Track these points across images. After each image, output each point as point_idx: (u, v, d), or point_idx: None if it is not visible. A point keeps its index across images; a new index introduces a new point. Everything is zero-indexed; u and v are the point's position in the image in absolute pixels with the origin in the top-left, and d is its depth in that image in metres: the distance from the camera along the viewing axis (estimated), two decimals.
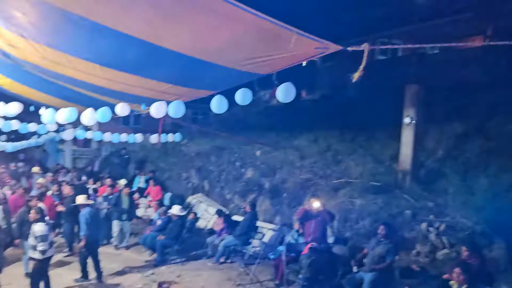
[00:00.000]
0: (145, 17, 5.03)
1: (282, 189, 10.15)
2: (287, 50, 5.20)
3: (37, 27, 6.03)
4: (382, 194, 8.57)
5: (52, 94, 10.74)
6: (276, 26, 4.59)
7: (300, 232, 8.08)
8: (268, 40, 5.03)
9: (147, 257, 9.10)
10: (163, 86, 7.78)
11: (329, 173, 9.76)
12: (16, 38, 6.63)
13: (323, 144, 11.08)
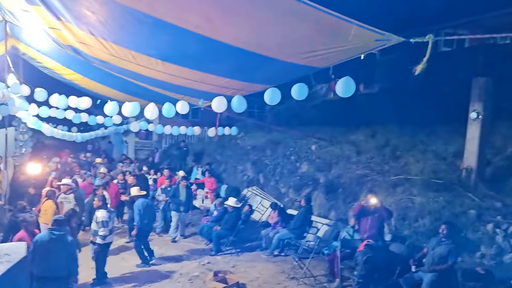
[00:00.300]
0: (205, 13, 5.17)
1: (338, 184, 10.01)
2: (346, 42, 5.12)
3: (105, 25, 6.38)
4: (444, 192, 8.18)
5: (118, 88, 11.36)
6: (335, 19, 4.53)
7: (356, 228, 7.96)
8: (326, 32, 4.98)
9: (203, 247, 9.41)
10: (220, 81, 7.95)
11: (387, 169, 9.47)
12: (87, 36, 7.08)
13: (381, 139, 10.76)
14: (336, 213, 9.55)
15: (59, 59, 10.52)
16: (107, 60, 8.29)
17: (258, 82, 8.01)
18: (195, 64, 7.38)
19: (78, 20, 6.45)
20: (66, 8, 6.11)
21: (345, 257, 7.43)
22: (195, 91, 9.16)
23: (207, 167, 14.10)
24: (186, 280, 7.41)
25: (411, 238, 7.77)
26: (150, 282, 7.23)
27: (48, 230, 5.41)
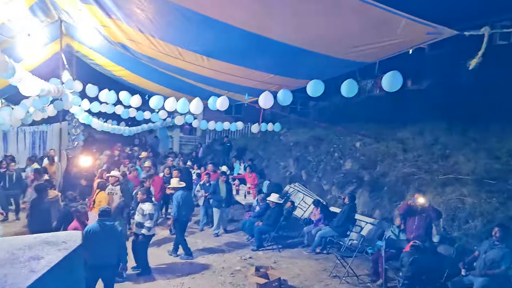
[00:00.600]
0: (251, 9, 5.17)
1: (383, 183, 9.74)
2: (394, 36, 4.95)
3: (153, 22, 6.55)
4: (498, 193, 7.74)
5: (164, 84, 11.66)
6: (383, 11, 4.39)
7: (402, 228, 7.74)
8: (374, 26, 4.83)
9: (245, 242, 9.49)
10: (265, 76, 7.96)
11: (436, 168, 9.09)
12: (135, 33, 7.31)
13: (429, 137, 10.34)
14: (380, 212, 9.30)
15: (109, 56, 10.94)
16: (154, 57, 8.53)
17: (303, 77, 7.93)
18: (240, 60, 7.43)
19: (128, 17, 6.67)
20: (117, 6, 6.33)
21: (390, 257, 7.24)
22: (239, 86, 9.23)
23: (249, 163, 14.18)
24: (228, 274, 7.51)
25: (461, 240, 7.43)
26: (193, 274, 7.38)
27: (98, 220, 5.66)
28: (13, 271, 1.57)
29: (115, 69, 11.96)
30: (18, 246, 1.85)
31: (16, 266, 1.62)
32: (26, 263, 1.63)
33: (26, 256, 1.71)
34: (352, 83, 6.08)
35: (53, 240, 1.91)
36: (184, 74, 9.35)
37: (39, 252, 1.75)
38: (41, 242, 1.89)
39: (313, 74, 7.51)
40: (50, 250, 1.79)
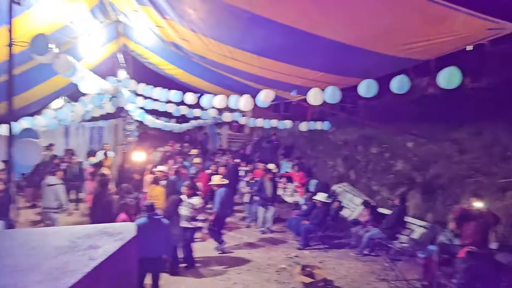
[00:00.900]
0: (302, 6, 5.15)
1: (436, 185, 9.33)
2: (451, 32, 4.74)
3: (205, 22, 6.70)
4: None
5: (214, 82, 11.87)
6: (440, 7, 4.21)
7: (456, 233, 7.37)
8: (430, 22, 4.65)
9: (291, 240, 9.47)
10: (314, 74, 7.89)
11: (495, 170, 8.57)
12: (188, 32, 7.51)
13: (488, 138, 9.75)
14: (433, 215, 8.92)
15: (162, 55, 11.31)
16: (205, 55, 8.72)
17: (353, 75, 7.78)
18: (290, 58, 7.42)
19: (181, 17, 6.86)
20: (171, 7, 6.53)
21: (442, 263, 6.93)
22: (288, 84, 9.21)
23: (296, 161, 14.11)
24: (273, 271, 7.54)
25: None
26: (239, 270, 7.48)
27: (147, 215, 5.86)
28: (73, 258, 1.68)
29: (168, 67, 12.34)
30: (78, 235, 1.98)
31: (76, 253, 1.73)
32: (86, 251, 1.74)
33: (85, 245, 1.83)
34: (404, 79, 5.87)
35: (110, 231, 2.02)
36: (234, 72, 9.49)
37: (97, 241, 1.86)
38: (99, 232, 2.01)
39: (365, 72, 7.34)
40: (107, 240, 1.90)
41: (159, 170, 9.33)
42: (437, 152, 10.25)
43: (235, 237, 9.51)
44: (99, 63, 11.70)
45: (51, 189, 7.91)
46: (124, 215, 6.20)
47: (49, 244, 1.85)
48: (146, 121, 13.96)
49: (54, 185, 7.95)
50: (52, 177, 8.09)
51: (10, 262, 1.65)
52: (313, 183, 12.71)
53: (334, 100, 7.14)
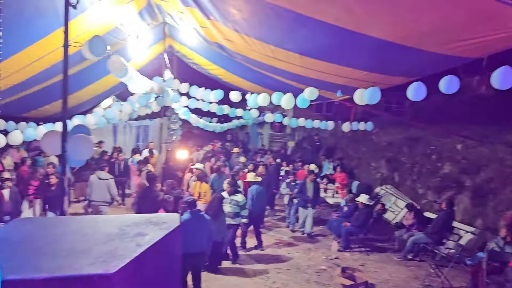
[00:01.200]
0: (346, 4, 5.08)
1: (487, 189, 8.90)
2: (505, 29, 4.51)
3: (248, 22, 6.77)
4: None
5: (256, 82, 11.97)
6: (493, 2, 4.02)
7: (508, 240, 6.99)
8: (482, 18, 4.45)
9: (331, 242, 9.35)
10: (358, 74, 7.76)
11: None
12: (231, 33, 7.62)
13: None
14: (483, 221, 8.51)
15: (206, 55, 11.55)
16: (248, 55, 8.81)
17: (399, 74, 7.60)
18: (333, 57, 7.35)
19: (225, 18, 6.98)
20: (215, 7, 6.66)
21: (492, 271, 6.59)
22: (331, 84, 9.12)
23: (338, 162, 13.93)
24: (313, 272, 7.48)
25: None
26: (278, 269, 7.49)
27: (189, 211, 5.99)
28: (122, 244, 1.78)
29: (211, 67, 12.57)
30: (126, 223, 2.08)
31: (125, 240, 1.82)
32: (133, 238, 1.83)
33: (133, 232, 1.92)
34: (453, 79, 5.65)
35: (155, 220, 2.11)
36: (276, 72, 9.52)
37: (143, 229, 1.95)
38: (145, 221, 2.10)
39: (411, 71, 7.16)
40: (153, 228, 1.98)
41: (196, 167, 9.53)
42: (489, 155, 9.77)
43: (275, 236, 9.53)
44: (145, 64, 12.11)
45: (102, 184, 8.31)
46: (163, 211, 6.36)
47: (100, 231, 1.96)
48: (190, 120, 14.26)
49: (105, 180, 8.34)
50: (102, 172, 8.47)
51: (65, 246, 1.77)
52: (355, 185, 12.49)
53: (374, 101, 6.99)
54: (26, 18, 5.90)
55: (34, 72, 7.88)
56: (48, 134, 5.19)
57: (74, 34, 6.25)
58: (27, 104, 10.40)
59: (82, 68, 9.10)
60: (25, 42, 6.62)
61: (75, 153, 4.90)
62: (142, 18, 9.06)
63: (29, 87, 8.80)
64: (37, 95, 9.56)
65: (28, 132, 8.08)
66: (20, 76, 7.66)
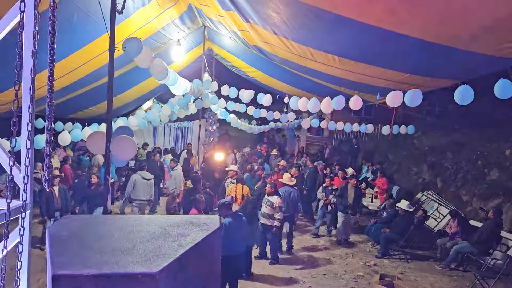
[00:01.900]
0: (389, 5, 4.96)
1: None
2: None
3: (287, 24, 6.76)
4: None
5: (294, 84, 11.93)
6: None
7: None
8: None
9: (370, 248, 9.15)
10: (400, 76, 7.56)
11: None
12: (270, 35, 7.64)
13: None
14: None
15: (244, 58, 11.65)
16: (286, 58, 8.80)
17: (443, 77, 7.33)
18: (374, 59, 7.20)
19: (264, 21, 7.01)
20: (255, 11, 6.70)
21: None
22: (371, 86, 8.94)
23: (377, 166, 13.61)
24: (350, 278, 7.34)
25: None
26: (314, 274, 7.40)
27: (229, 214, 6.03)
28: (165, 243, 1.82)
29: (249, 70, 12.67)
30: (168, 223, 2.13)
31: (168, 239, 1.86)
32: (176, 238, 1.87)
33: (175, 232, 1.96)
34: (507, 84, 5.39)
35: (196, 221, 2.14)
36: (315, 74, 9.44)
37: (185, 230, 1.99)
38: (186, 222, 2.14)
39: (456, 73, 6.89)
40: (194, 229, 2.01)
41: (231, 169, 9.61)
42: None
43: (312, 240, 9.43)
44: (185, 66, 12.36)
45: (145, 183, 8.63)
46: (194, 210, 6.40)
47: (144, 230, 2.01)
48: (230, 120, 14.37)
49: (148, 180, 8.66)
50: (147, 173, 8.79)
51: (111, 243, 1.83)
52: (395, 190, 12.16)
53: (414, 103, 6.77)
54: (75, 24, 6.18)
55: (81, 75, 8.24)
56: (93, 135, 5.40)
57: (120, 38, 6.49)
58: (73, 106, 10.89)
59: (125, 71, 9.42)
60: (74, 47, 6.94)
61: (119, 153, 5.07)
62: (183, 22, 9.27)
63: (76, 89, 9.20)
64: (83, 97, 9.99)
65: (75, 132, 8.46)
66: (67, 80, 8.03)
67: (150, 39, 8.77)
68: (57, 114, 9.49)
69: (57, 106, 9.81)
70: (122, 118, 9.92)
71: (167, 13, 8.07)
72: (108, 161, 5.08)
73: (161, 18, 8.08)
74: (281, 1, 5.97)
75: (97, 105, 11.46)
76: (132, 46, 5.32)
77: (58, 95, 9.03)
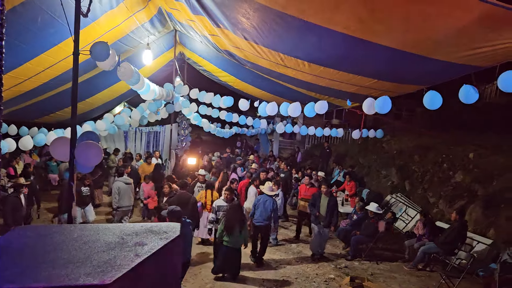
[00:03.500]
0: (356, 13, 5.06)
1: (500, 199, 8.72)
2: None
3: (257, 30, 6.79)
4: None
5: (266, 89, 11.98)
6: (505, 11, 3.96)
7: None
8: (494, 27, 4.39)
9: (340, 250, 9.25)
10: (368, 82, 7.72)
11: None
12: (241, 40, 7.65)
13: None
14: (496, 232, 8.34)
15: (216, 62, 11.61)
16: (257, 63, 8.83)
17: (410, 82, 7.52)
18: (342, 65, 7.32)
19: (234, 26, 7.01)
20: (224, 16, 6.70)
21: (505, 283, 6.45)
22: (340, 92, 9.08)
23: (349, 170, 13.81)
24: (321, 281, 7.39)
25: None
26: (287, 278, 7.42)
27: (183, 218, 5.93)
28: (121, 253, 1.77)
29: (221, 74, 12.64)
30: (127, 232, 2.08)
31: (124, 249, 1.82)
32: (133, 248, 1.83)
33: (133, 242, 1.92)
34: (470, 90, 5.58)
35: (156, 230, 2.11)
36: (286, 79, 9.52)
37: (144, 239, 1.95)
38: (146, 231, 2.10)
39: (422, 79, 7.08)
40: (153, 238, 1.98)
41: (200, 174, 9.56)
42: (502, 164, 9.61)
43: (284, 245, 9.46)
44: (156, 70, 12.22)
45: (128, 188, 8.57)
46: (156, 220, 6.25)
47: (101, 239, 1.96)
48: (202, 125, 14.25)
49: (130, 184, 8.57)
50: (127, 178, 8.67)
51: (65, 255, 1.78)
52: (365, 193, 12.37)
53: (385, 110, 6.93)
54: (39, 27, 6.00)
55: (46, 78, 8.01)
56: (57, 140, 5.23)
57: (86, 42, 6.34)
58: (39, 110, 10.56)
59: (94, 75, 9.21)
60: (38, 50, 6.74)
61: (84, 159, 4.93)
62: (153, 26, 9.16)
63: (42, 93, 8.94)
64: (49, 101, 9.71)
65: (39, 137, 8.19)
66: (32, 83, 7.80)
67: (119, 42, 8.61)
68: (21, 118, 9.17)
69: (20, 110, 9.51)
70: (90, 122, 9.67)
71: (136, 17, 7.95)
72: (72, 168, 4.94)
73: (130, 21, 7.94)
74: (250, 6, 5.99)
75: (65, 109, 11.16)
76: (98, 50, 5.20)
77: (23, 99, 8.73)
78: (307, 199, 9.45)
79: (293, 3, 5.36)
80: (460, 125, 12.63)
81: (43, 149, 13.13)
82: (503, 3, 3.88)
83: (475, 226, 8.82)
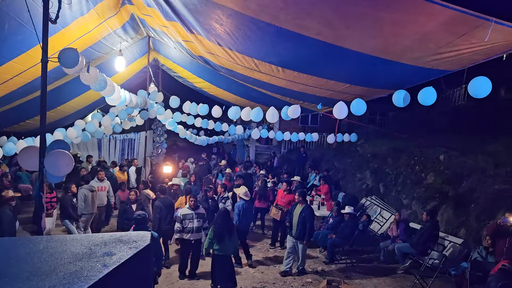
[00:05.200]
0: (326, 19, 5.15)
1: (470, 199, 8.99)
2: (482, 42, 4.61)
3: (231, 36, 6.81)
4: None
5: (241, 95, 12.00)
6: (468, 16, 4.12)
7: (490, 250, 7.05)
8: (458, 32, 4.55)
9: (317, 254, 9.31)
10: (341, 86, 7.84)
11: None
12: (215, 46, 7.65)
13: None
14: (466, 231, 8.57)
15: (191, 68, 11.56)
16: (231, 68, 8.84)
17: (381, 86, 7.68)
18: (315, 70, 7.42)
19: (208, 32, 7.01)
20: (198, 22, 6.69)
21: (476, 281, 6.61)
22: (314, 96, 9.20)
23: (324, 173, 13.94)
24: (299, 285, 7.42)
25: None
26: (264, 283, 7.41)
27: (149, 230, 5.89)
28: (88, 264, 1.74)
29: (196, 81, 12.59)
30: (96, 242, 2.04)
31: (92, 260, 1.78)
32: (100, 258, 1.79)
33: (101, 252, 1.88)
34: (430, 91, 5.75)
35: (126, 239, 2.07)
36: (260, 84, 9.56)
37: (112, 249, 1.91)
38: (115, 240, 2.06)
39: (392, 84, 7.24)
40: (122, 247, 1.94)
41: (174, 183, 9.51)
42: (471, 165, 9.90)
43: (261, 249, 9.46)
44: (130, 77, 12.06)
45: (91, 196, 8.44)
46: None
47: (68, 251, 1.91)
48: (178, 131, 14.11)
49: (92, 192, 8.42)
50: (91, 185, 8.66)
51: (29, 267, 1.72)
52: (341, 196, 12.51)
53: (360, 112, 7.06)
54: (6, 33, 5.84)
55: (15, 86, 7.79)
56: (25, 150, 5.09)
57: (56, 49, 6.20)
58: (8, 119, 10.25)
59: (66, 82, 9.02)
60: (6, 57, 6.55)
61: (53, 168, 4.81)
62: (126, 32, 9.06)
63: (11, 101, 8.68)
64: (19, 109, 9.44)
65: (8, 146, 7.94)
66: (0, 91, 7.57)
67: (91, 49, 8.46)
68: None
69: None
70: (61, 129, 9.44)
71: (107, 23, 7.84)
72: (41, 178, 4.81)
73: (101, 27, 7.83)
74: (223, 13, 6.00)
75: (35, 117, 10.86)
76: (66, 56, 5.10)
77: None
78: (281, 206, 9.43)
79: (266, 9, 5.40)
80: (431, 128, 12.96)
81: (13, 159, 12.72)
82: (465, 9, 4.03)
83: (447, 226, 9.04)
